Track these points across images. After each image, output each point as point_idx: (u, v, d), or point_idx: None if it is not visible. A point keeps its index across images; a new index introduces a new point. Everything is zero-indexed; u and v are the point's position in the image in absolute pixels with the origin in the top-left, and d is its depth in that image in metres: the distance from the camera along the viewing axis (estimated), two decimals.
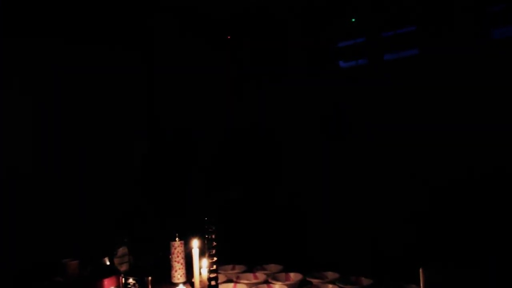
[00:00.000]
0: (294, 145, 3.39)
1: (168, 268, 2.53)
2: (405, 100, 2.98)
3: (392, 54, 3.07)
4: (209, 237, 2.25)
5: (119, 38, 3.26)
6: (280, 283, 2.35)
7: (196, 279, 2.23)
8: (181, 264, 2.51)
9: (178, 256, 2.51)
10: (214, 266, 2.21)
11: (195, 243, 2.27)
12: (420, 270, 2.07)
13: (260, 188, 3.48)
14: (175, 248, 2.52)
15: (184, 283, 2.48)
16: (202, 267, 2.23)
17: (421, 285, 2.05)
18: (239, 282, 2.41)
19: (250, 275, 2.54)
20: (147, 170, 3.36)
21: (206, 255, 2.22)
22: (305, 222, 3.27)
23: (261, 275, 2.52)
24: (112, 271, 2.45)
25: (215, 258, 2.22)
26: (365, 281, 2.35)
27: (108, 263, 2.55)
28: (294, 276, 2.46)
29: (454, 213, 2.83)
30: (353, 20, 3.15)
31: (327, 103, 3.26)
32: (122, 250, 2.53)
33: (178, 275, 2.51)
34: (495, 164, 2.72)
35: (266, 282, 2.42)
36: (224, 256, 2.44)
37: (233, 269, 2.68)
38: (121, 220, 2.97)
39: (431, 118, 2.91)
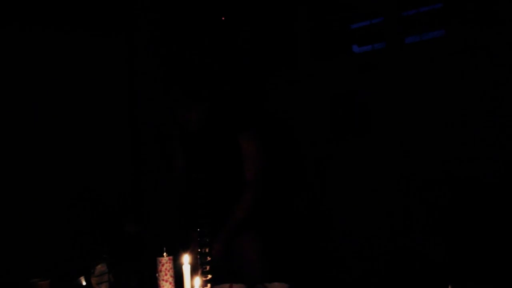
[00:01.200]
0: (302, 141, 3.08)
1: None
2: (428, 90, 2.68)
3: (414, 37, 2.75)
4: (203, 251, 1.95)
5: (103, 26, 3.11)
6: None
7: None
8: (170, 283, 2.18)
9: (166, 274, 2.18)
10: (209, 285, 1.95)
11: (186, 259, 1.96)
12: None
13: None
14: (162, 265, 2.19)
15: None
16: (194, 286, 1.93)
17: None
18: None
19: None
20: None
21: (199, 272, 1.96)
22: (314, 233, 2.96)
23: None
24: None
25: (209, 276, 1.96)
26: None
27: (84, 283, 2.31)
28: None
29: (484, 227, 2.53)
30: None
31: (339, 95, 2.93)
32: (100, 268, 2.23)
33: None
34: None
35: None
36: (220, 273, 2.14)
37: None
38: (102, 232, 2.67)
39: (458, 111, 2.62)
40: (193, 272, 1.95)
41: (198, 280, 1.92)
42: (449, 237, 2.66)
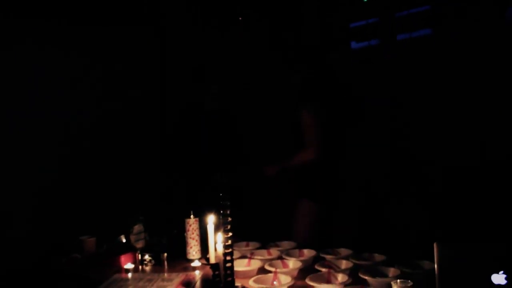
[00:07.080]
0: None
1: (183, 245, 2.54)
2: (418, 81, 2.95)
3: (405, 34, 3.06)
4: (224, 212, 2.24)
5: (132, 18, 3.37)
6: (294, 259, 2.36)
7: (211, 255, 2.21)
8: (196, 241, 2.53)
9: (193, 233, 2.52)
10: (229, 241, 2.18)
11: (211, 219, 2.26)
12: (434, 245, 1.90)
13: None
14: (190, 225, 2.52)
15: (199, 259, 2.49)
16: (217, 242, 2.21)
17: (435, 260, 2.00)
18: (253, 258, 2.40)
19: (264, 252, 2.53)
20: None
21: (221, 230, 2.19)
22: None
23: (274, 252, 2.52)
24: (128, 248, 2.49)
25: (230, 234, 2.18)
26: (378, 257, 2.34)
27: (124, 240, 2.61)
28: (307, 252, 2.47)
29: (465, 193, 2.84)
30: (365, 0, 3.14)
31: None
32: (137, 228, 2.55)
33: (193, 251, 2.53)
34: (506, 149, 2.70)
35: (280, 258, 2.42)
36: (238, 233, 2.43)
37: (247, 246, 2.68)
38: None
39: (444, 101, 2.89)
40: (216, 230, 2.20)
41: (220, 236, 2.17)
42: (434, 205, 2.97)
